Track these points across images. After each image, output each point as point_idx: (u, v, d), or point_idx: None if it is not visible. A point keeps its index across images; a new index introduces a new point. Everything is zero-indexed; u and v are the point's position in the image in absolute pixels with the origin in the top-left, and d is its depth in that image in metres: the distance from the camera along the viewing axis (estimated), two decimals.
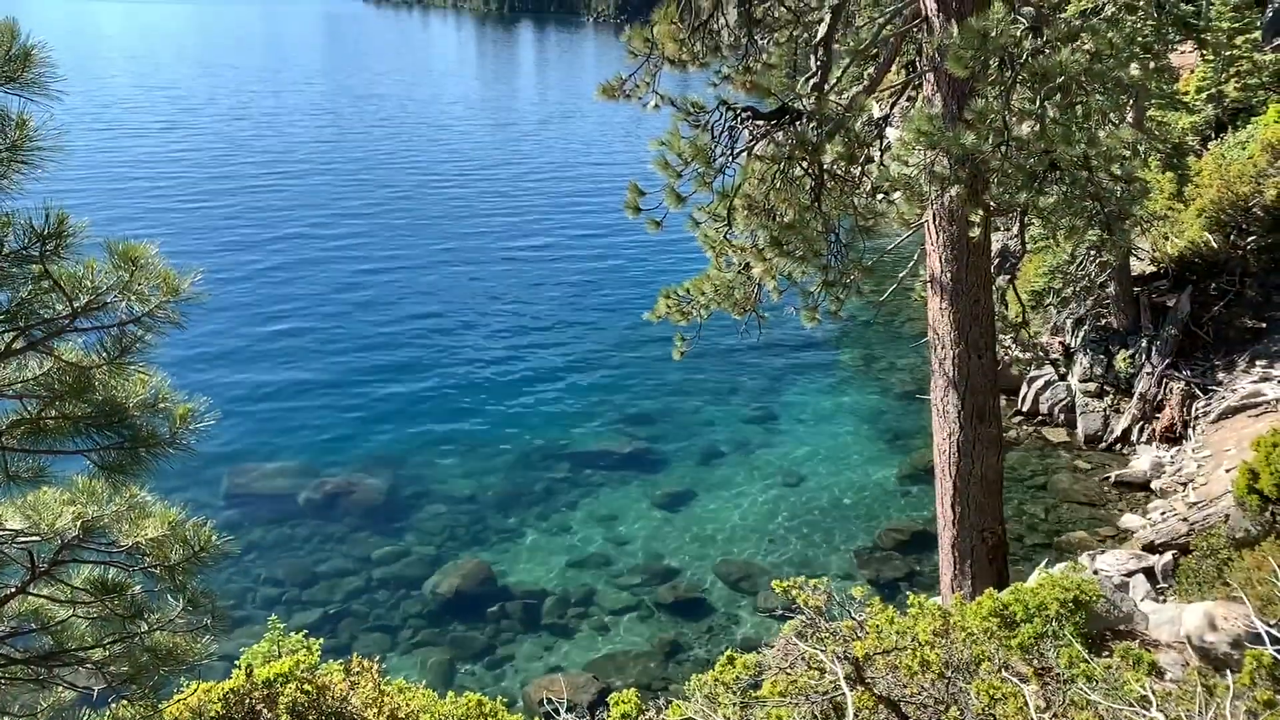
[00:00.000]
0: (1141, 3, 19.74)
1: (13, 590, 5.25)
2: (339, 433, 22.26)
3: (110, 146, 53.17)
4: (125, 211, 39.06)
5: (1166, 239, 23.23)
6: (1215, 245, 22.35)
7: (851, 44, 11.07)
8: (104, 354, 4.97)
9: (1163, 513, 17.53)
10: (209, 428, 5.40)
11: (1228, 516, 14.29)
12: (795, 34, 10.83)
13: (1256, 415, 18.79)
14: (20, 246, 4.58)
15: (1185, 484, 18.24)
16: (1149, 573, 14.92)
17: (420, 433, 22.36)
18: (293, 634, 10.07)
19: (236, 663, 8.93)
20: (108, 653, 5.48)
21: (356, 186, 47.27)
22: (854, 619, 7.92)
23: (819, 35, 9.75)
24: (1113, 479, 19.51)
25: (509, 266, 35.29)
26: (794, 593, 7.79)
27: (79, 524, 4.96)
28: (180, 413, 5.23)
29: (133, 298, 4.79)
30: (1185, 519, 16.20)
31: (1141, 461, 19.71)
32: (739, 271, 10.80)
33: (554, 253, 37.25)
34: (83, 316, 4.81)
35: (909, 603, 8.64)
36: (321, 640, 9.99)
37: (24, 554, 5.13)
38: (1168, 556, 15.20)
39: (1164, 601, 13.25)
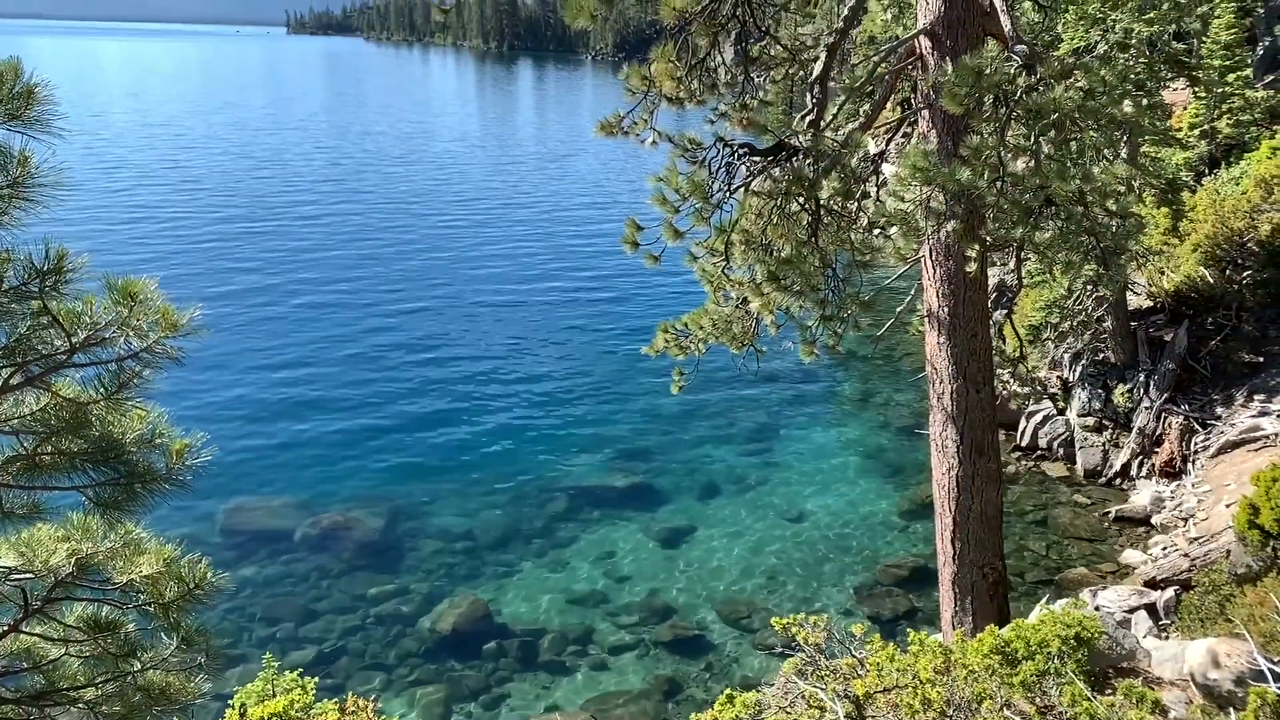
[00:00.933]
0: (1134, 41, 20.01)
1: (5, 628, 5.21)
2: (336, 468, 22.17)
3: (112, 183, 53.53)
4: (126, 248, 39.25)
5: (1162, 274, 23.35)
6: (1211, 280, 22.46)
7: (847, 82, 11.19)
8: (102, 390, 4.97)
9: (1164, 548, 17.45)
10: (205, 463, 5.38)
11: (1229, 552, 14.23)
12: (791, 72, 10.94)
13: (1255, 450, 18.77)
14: (20, 282, 4.60)
15: (1186, 519, 18.18)
16: (1151, 609, 14.81)
17: (417, 468, 22.27)
18: (287, 672, 9.97)
19: (230, 702, 8.84)
20: (100, 692, 5.41)
21: (357, 224, 47.55)
22: (854, 656, 7.85)
23: (815, 73, 9.85)
24: (1113, 514, 19.43)
25: (505, 302, 35.38)
26: (794, 630, 7.73)
27: (73, 561, 4.93)
28: (177, 448, 5.22)
29: (131, 333, 4.80)
30: (1186, 554, 16.12)
31: (1141, 496, 19.65)
32: (737, 306, 10.83)
33: (551, 288, 37.37)
34: (81, 352, 4.81)
35: (910, 640, 8.57)
36: (316, 679, 9.89)
37: (17, 591, 5.09)
38: (1170, 593, 15.10)
39: (1167, 638, 13.15)
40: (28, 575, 4.94)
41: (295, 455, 22.75)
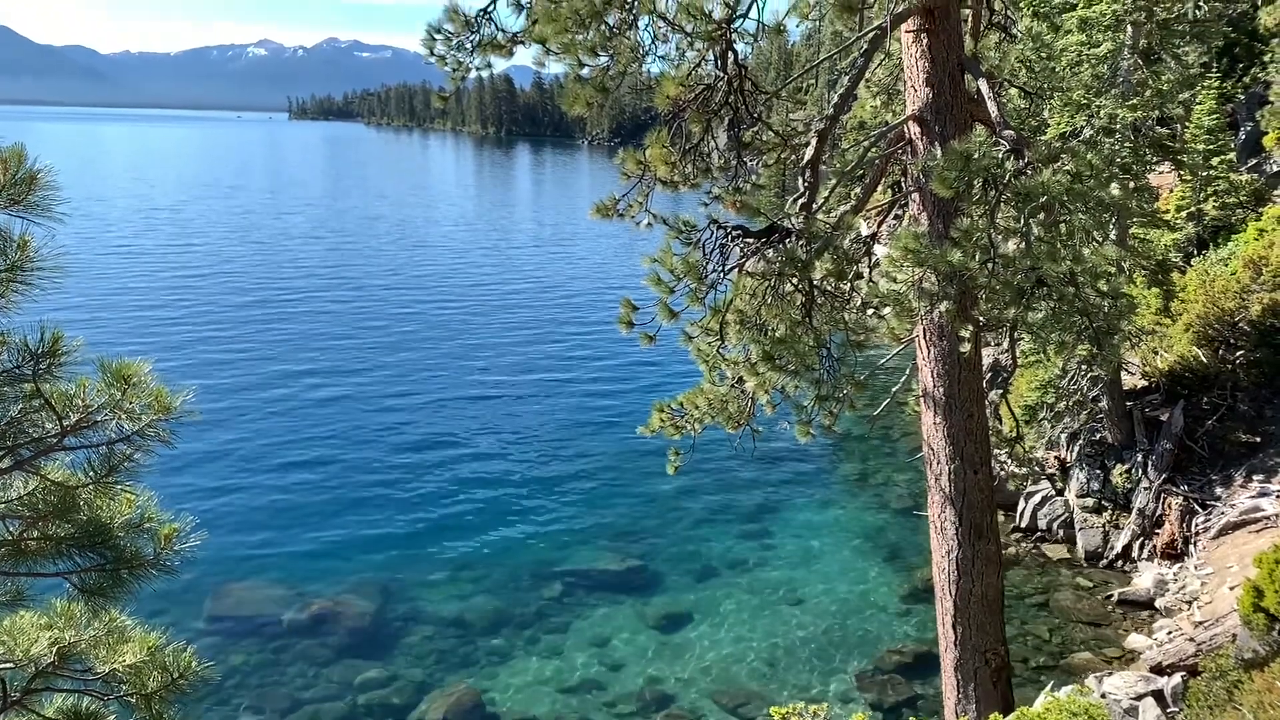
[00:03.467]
0: (1118, 126, 20.46)
1: None
2: (326, 552, 21.86)
3: (112, 267, 54.00)
4: (126, 331, 39.39)
5: (1156, 353, 23.46)
6: (1204, 360, 22.56)
7: (838, 166, 11.39)
8: (91, 473, 4.91)
9: (1169, 632, 17.17)
10: (194, 547, 5.30)
11: (1235, 636, 14.00)
12: (783, 156, 11.13)
13: (1257, 531, 18.62)
14: (13, 365, 4.59)
15: (1190, 602, 17.93)
16: (1158, 696, 14.50)
17: (409, 553, 21.96)
18: None
19: None
20: None
21: (353, 308, 47.86)
22: None
23: (806, 158, 10.03)
24: (1115, 597, 19.16)
25: (498, 383, 35.38)
26: (793, 719, 7.53)
27: (55, 650, 4.82)
28: (166, 533, 5.14)
29: (123, 416, 4.77)
30: (1192, 639, 15.84)
31: (1144, 579, 19.40)
32: (732, 385, 10.83)
33: (545, 369, 37.42)
34: (72, 435, 4.77)
35: None
36: None
37: None
38: (1176, 678, 14.80)
39: None
40: (8, 665, 4.81)
41: (285, 539, 22.46)
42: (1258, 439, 21.02)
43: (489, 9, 9.24)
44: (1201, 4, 22.39)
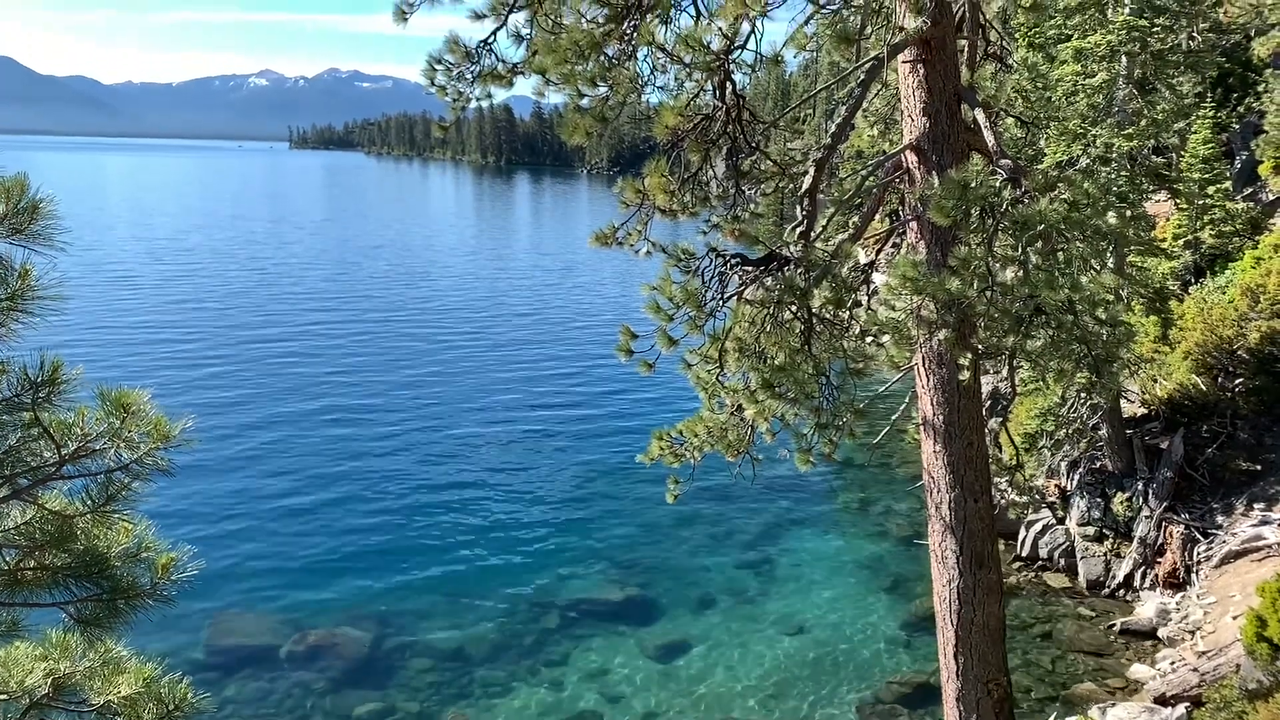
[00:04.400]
0: (1114, 155, 20.59)
1: None
2: (323, 582, 21.73)
3: (114, 296, 54.07)
4: (126, 361, 39.38)
5: (1155, 381, 23.46)
6: (1204, 387, 22.56)
7: (836, 194, 11.44)
8: (89, 502, 4.89)
9: (1172, 663, 17.05)
10: (191, 577, 5.26)
11: (1238, 666, 13.90)
12: (781, 185, 11.17)
13: (1259, 559, 18.54)
14: (12, 394, 4.58)
15: (1193, 632, 17.82)
16: None
17: (406, 583, 21.84)
18: None
19: None
20: None
21: (354, 338, 47.90)
22: None
23: (804, 187, 10.07)
24: (1118, 626, 19.03)
25: (497, 413, 35.34)
26: None
27: (50, 681, 4.77)
28: (163, 562, 5.11)
29: (122, 444, 4.76)
30: (1196, 669, 15.73)
31: (1146, 608, 19.29)
32: (731, 413, 10.81)
33: (544, 398, 37.39)
34: (70, 464, 4.76)
35: None
36: None
37: None
38: (1180, 709, 14.69)
39: None
40: (2, 697, 4.77)
41: (282, 569, 22.33)
42: (1258, 467, 20.98)
43: (489, 40, 9.32)
44: (1195, 35, 22.61)
